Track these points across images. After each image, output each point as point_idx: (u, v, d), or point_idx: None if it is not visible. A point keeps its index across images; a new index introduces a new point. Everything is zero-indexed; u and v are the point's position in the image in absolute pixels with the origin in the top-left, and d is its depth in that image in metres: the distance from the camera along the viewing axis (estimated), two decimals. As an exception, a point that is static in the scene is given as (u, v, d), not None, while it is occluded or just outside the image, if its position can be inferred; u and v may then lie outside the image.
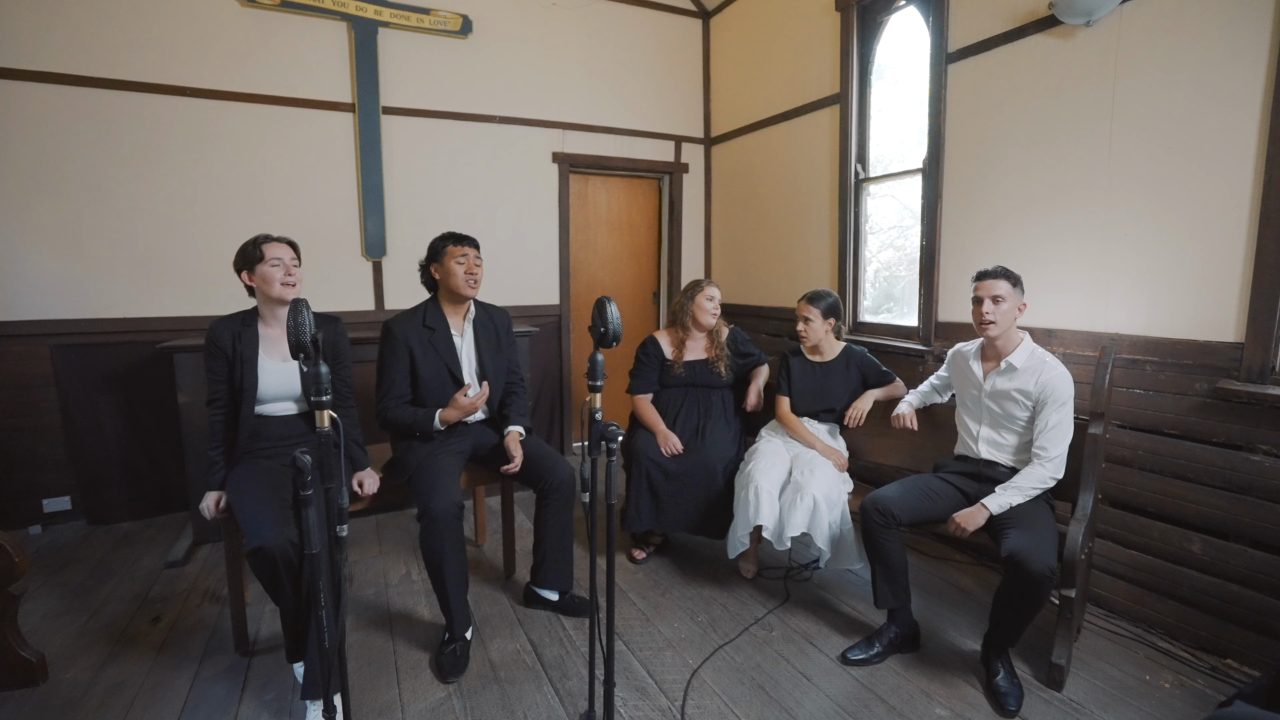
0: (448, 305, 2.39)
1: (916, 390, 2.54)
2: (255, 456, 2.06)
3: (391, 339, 2.31)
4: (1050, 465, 2.00)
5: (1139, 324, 2.24)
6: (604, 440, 1.38)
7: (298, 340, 1.11)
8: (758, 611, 2.44)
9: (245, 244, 2.04)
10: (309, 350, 1.10)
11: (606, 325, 1.37)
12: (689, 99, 4.59)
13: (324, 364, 1.16)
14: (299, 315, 1.13)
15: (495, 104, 3.91)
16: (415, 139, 3.73)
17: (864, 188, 3.38)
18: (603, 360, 1.41)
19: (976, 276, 2.16)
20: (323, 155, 3.52)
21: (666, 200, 4.65)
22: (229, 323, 2.06)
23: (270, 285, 2.02)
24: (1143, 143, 2.18)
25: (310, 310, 1.16)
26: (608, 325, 1.37)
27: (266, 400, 2.07)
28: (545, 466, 2.34)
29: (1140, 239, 2.21)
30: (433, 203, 3.81)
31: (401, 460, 2.27)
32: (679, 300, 2.98)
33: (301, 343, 1.10)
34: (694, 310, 2.87)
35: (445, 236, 2.36)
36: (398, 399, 2.31)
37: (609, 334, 1.37)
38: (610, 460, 1.39)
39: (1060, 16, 2.31)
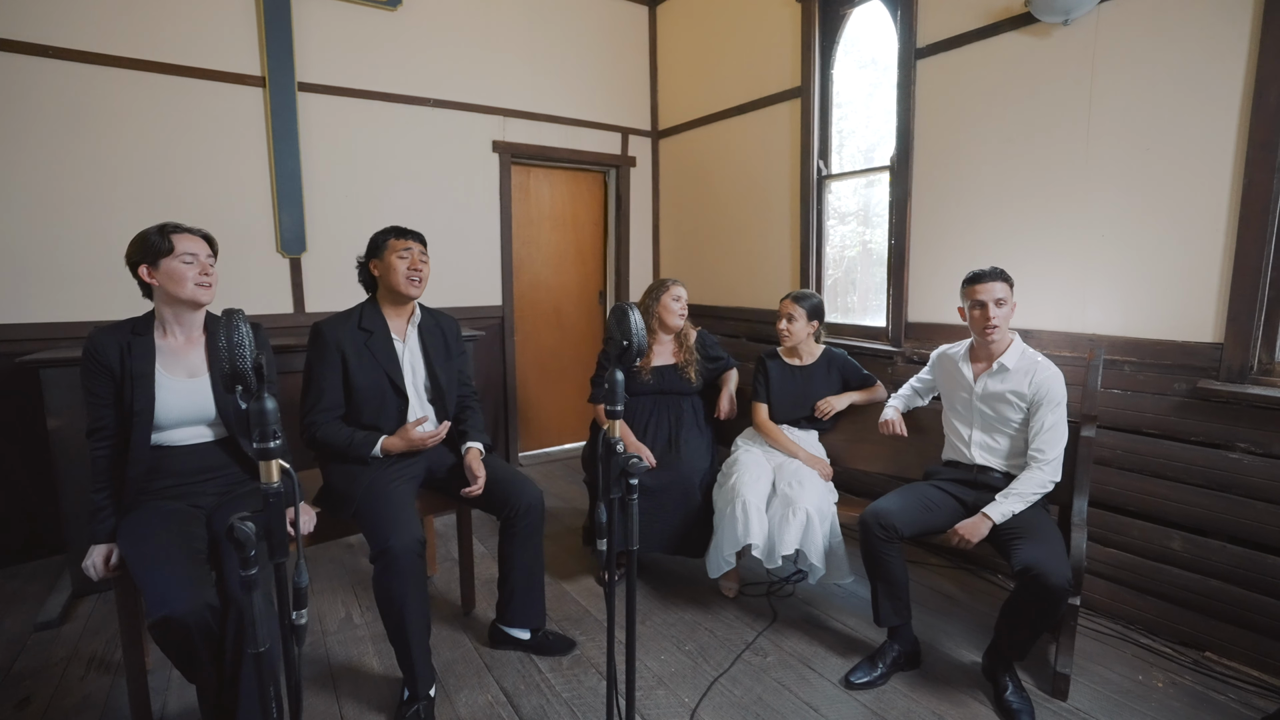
0: (388, 307, 2.08)
1: (899, 394, 2.46)
2: (155, 497, 1.68)
3: (321, 343, 1.97)
4: (1049, 468, 1.95)
5: (1117, 324, 2.25)
6: (624, 476, 1.15)
7: (235, 368, 0.81)
8: (747, 635, 2.27)
9: (147, 232, 1.65)
10: (250, 381, 0.81)
11: (630, 338, 1.14)
12: (636, 90, 4.38)
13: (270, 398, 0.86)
14: (235, 333, 0.83)
15: (430, 86, 3.55)
16: (338, 121, 3.31)
17: (826, 184, 3.30)
18: (622, 380, 1.18)
19: (972, 279, 2.08)
20: (228, 135, 3.04)
21: (613, 195, 4.43)
22: (114, 333, 1.66)
23: (180, 285, 1.64)
24: (1121, 143, 2.18)
25: (249, 325, 0.86)
26: (632, 338, 1.13)
27: (167, 426, 1.69)
28: (510, 489, 2.07)
29: (1119, 239, 2.22)
30: (360, 193, 3.40)
31: (342, 490, 1.93)
32: (643, 301, 2.79)
33: (240, 370, 0.81)
34: (660, 312, 2.68)
35: (387, 230, 2.05)
36: (329, 413, 1.97)
37: (633, 349, 1.14)
38: (632, 500, 1.17)
39: (1037, 14, 2.28)
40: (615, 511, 1.20)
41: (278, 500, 0.86)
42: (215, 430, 1.77)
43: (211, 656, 1.48)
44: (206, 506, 1.73)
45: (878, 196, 3.17)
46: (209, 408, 1.72)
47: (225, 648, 1.49)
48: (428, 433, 1.94)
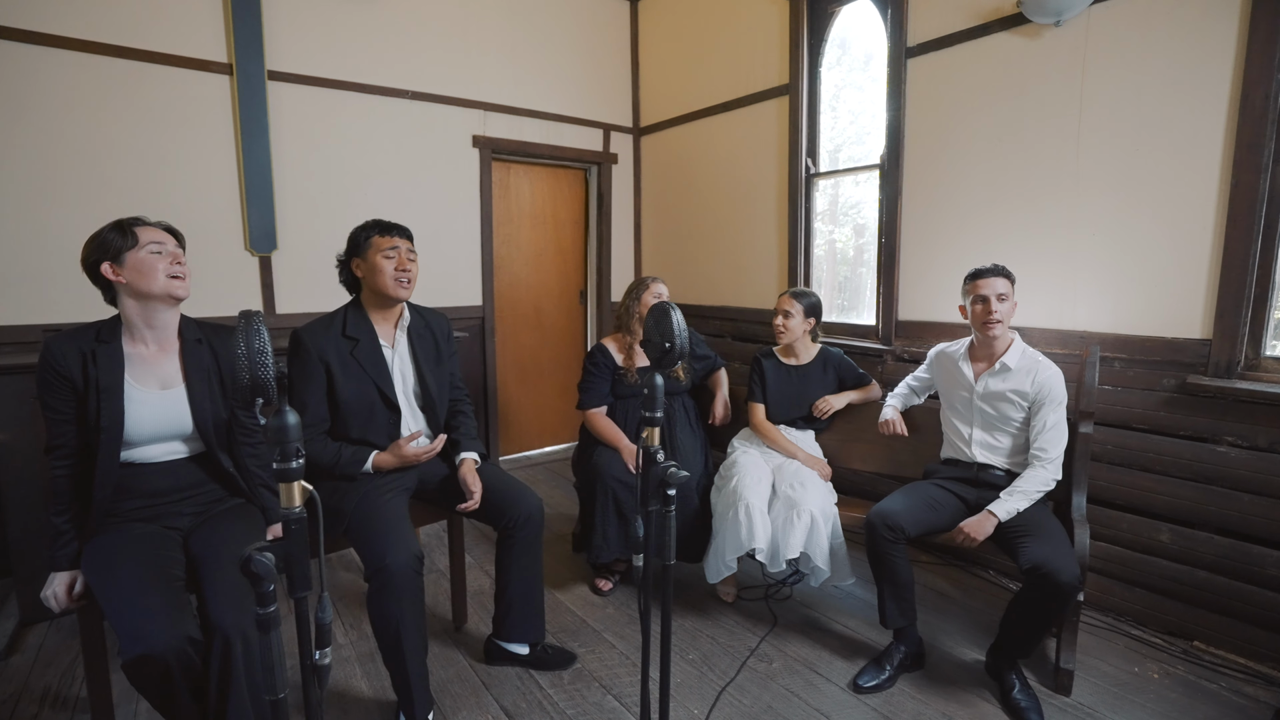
0: (374, 310, 1.96)
1: (895, 394, 2.45)
2: (124, 520, 1.54)
3: (302, 353, 1.84)
4: (1052, 467, 1.96)
5: (1106, 322, 2.28)
6: (663, 486, 1.09)
7: (256, 379, 0.71)
8: (749, 641, 2.24)
9: (102, 230, 1.51)
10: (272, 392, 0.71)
11: (672, 340, 1.07)
12: (617, 86, 4.31)
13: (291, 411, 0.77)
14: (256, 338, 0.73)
15: (408, 77, 3.41)
16: (311, 112, 3.15)
17: (814, 183, 3.29)
18: (662, 385, 1.11)
19: (974, 275, 2.08)
20: (190, 126, 2.86)
21: (594, 193, 4.35)
22: (75, 339, 1.51)
23: (151, 277, 1.50)
24: (1111, 142, 2.21)
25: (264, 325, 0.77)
26: (674, 340, 1.07)
27: (138, 443, 1.55)
28: (508, 499, 1.99)
29: (1108, 237, 2.25)
30: (334, 189, 3.25)
31: (331, 506, 1.81)
32: (624, 302, 2.72)
33: (261, 381, 0.71)
34: (641, 310, 2.62)
35: (369, 225, 1.93)
36: (312, 429, 1.85)
37: (675, 351, 1.08)
38: (669, 511, 1.10)
39: (1029, 15, 2.30)
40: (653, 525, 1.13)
41: (300, 527, 0.77)
42: (191, 446, 1.64)
43: (193, 693, 1.36)
44: (182, 528, 1.60)
45: (867, 195, 3.17)
46: (185, 422, 1.59)
47: (209, 683, 1.37)
48: (422, 449, 1.84)
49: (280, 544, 0.76)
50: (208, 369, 1.63)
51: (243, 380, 0.71)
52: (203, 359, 1.63)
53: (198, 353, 1.63)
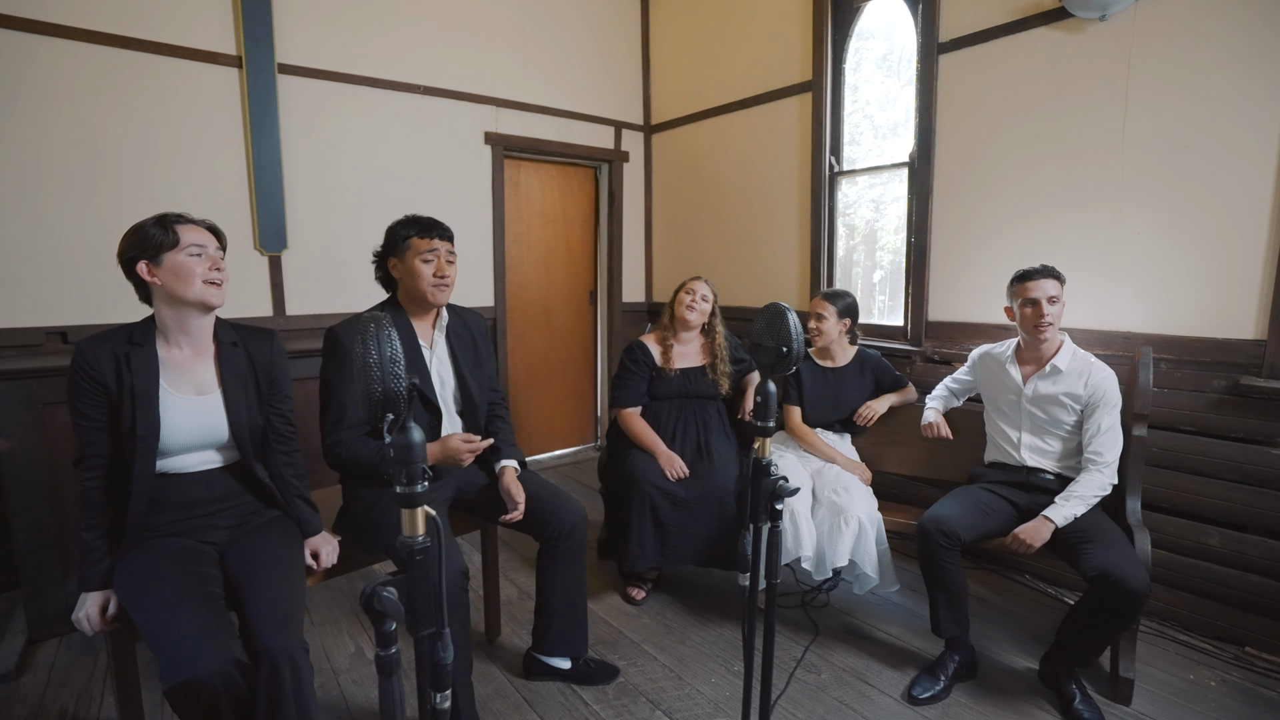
0: (412, 310, 1.87)
1: (935, 396, 2.41)
2: (157, 534, 1.44)
3: (340, 352, 1.74)
4: (1108, 471, 1.92)
5: (1152, 322, 2.25)
6: (772, 500, 1.02)
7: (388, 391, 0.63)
8: (793, 651, 2.17)
9: (144, 224, 1.42)
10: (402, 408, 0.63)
11: (790, 344, 1.00)
12: (628, 83, 4.23)
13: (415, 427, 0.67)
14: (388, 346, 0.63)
15: (419, 72, 3.31)
16: (321, 106, 3.04)
17: (838, 181, 3.24)
18: (774, 393, 1.04)
19: (1022, 277, 2.04)
20: (198, 120, 2.74)
21: (605, 191, 4.27)
22: (108, 343, 1.42)
23: (187, 283, 1.41)
24: (1158, 139, 2.18)
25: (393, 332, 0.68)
26: (791, 344, 1.00)
27: (173, 452, 1.46)
28: (551, 509, 1.91)
29: (1155, 236, 2.22)
30: (345, 186, 3.14)
31: (372, 520, 1.72)
32: (667, 300, 2.67)
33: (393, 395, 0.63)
34: (676, 309, 2.56)
35: (409, 223, 1.84)
36: (353, 431, 1.76)
37: (792, 355, 1.01)
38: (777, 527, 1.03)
39: (1072, 9, 2.26)
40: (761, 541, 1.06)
41: (424, 558, 0.69)
42: (225, 455, 1.54)
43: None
44: (218, 542, 1.50)
45: (893, 193, 3.12)
46: (221, 430, 1.50)
47: (257, 709, 1.28)
48: (471, 445, 1.73)
49: (403, 578, 0.68)
50: (244, 374, 1.54)
51: (374, 393, 0.62)
52: (238, 363, 1.54)
53: (233, 356, 1.54)
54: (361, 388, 0.64)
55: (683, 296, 2.55)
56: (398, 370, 0.62)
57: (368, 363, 0.62)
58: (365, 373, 0.62)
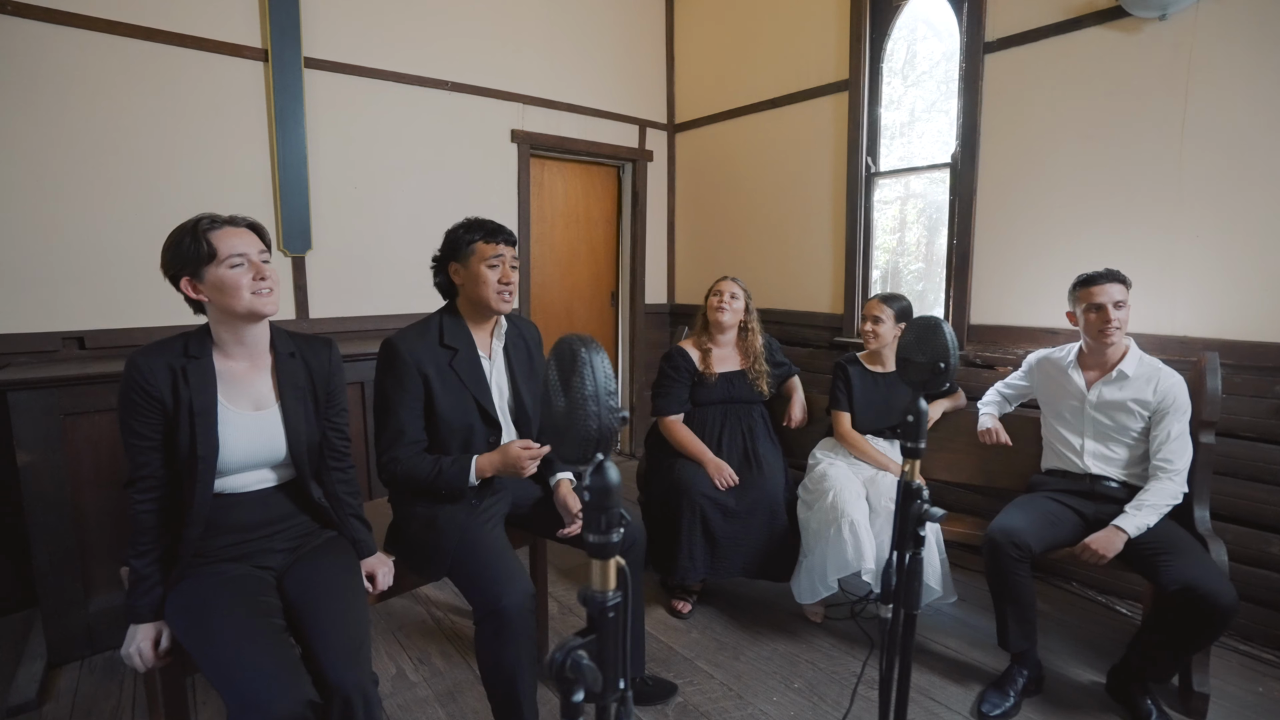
0: (472, 318, 1.79)
1: (988, 401, 2.36)
2: (211, 560, 1.35)
3: (400, 365, 1.65)
4: (1179, 479, 1.88)
5: (1211, 326, 2.21)
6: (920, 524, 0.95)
7: (605, 428, 0.53)
8: (851, 665, 2.12)
9: (179, 234, 1.31)
10: (615, 444, 0.55)
11: (947, 359, 0.94)
12: (653, 81, 4.16)
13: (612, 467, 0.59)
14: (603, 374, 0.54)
15: (447, 67, 3.22)
16: (347, 102, 2.95)
17: (875, 182, 3.19)
18: (926, 411, 0.98)
19: (1086, 281, 1.99)
20: (222, 115, 2.64)
21: (628, 191, 4.20)
22: (163, 354, 1.32)
23: (234, 296, 1.32)
24: (1219, 141, 2.14)
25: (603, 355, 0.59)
26: (949, 359, 0.94)
27: (230, 471, 1.37)
28: (611, 522, 1.83)
29: (1214, 240, 2.18)
30: (370, 185, 3.05)
31: (430, 543, 1.63)
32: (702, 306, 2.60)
33: (610, 431, 0.53)
34: (708, 313, 2.51)
35: (473, 226, 1.76)
36: (412, 448, 1.67)
37: (949, 370, 0.94)
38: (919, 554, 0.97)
39: (1130, 9, 2.22)
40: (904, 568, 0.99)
41: (616, 615, 0.62)
42: (281, 473, 1.46)
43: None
44: (274, 567, 1.42)
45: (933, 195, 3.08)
46: (279, 447, 1.41)
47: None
48: (532, 452, 1.65)
49: (593, 639, 0.60)
50: (302, 386, 1.46)
51: (588, 430, 0.54)
52: (296, 375, 1.46)
53: (291, 368, 1.45)
54: (568, 422, 0.56)
55: (712, 299, 2.50)
56: (614, 401, 0.54)
57: (583, 395, 0.54)
58: (579, 406, 0.54)
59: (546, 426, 0.62)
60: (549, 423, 0.61)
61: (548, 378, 0.61)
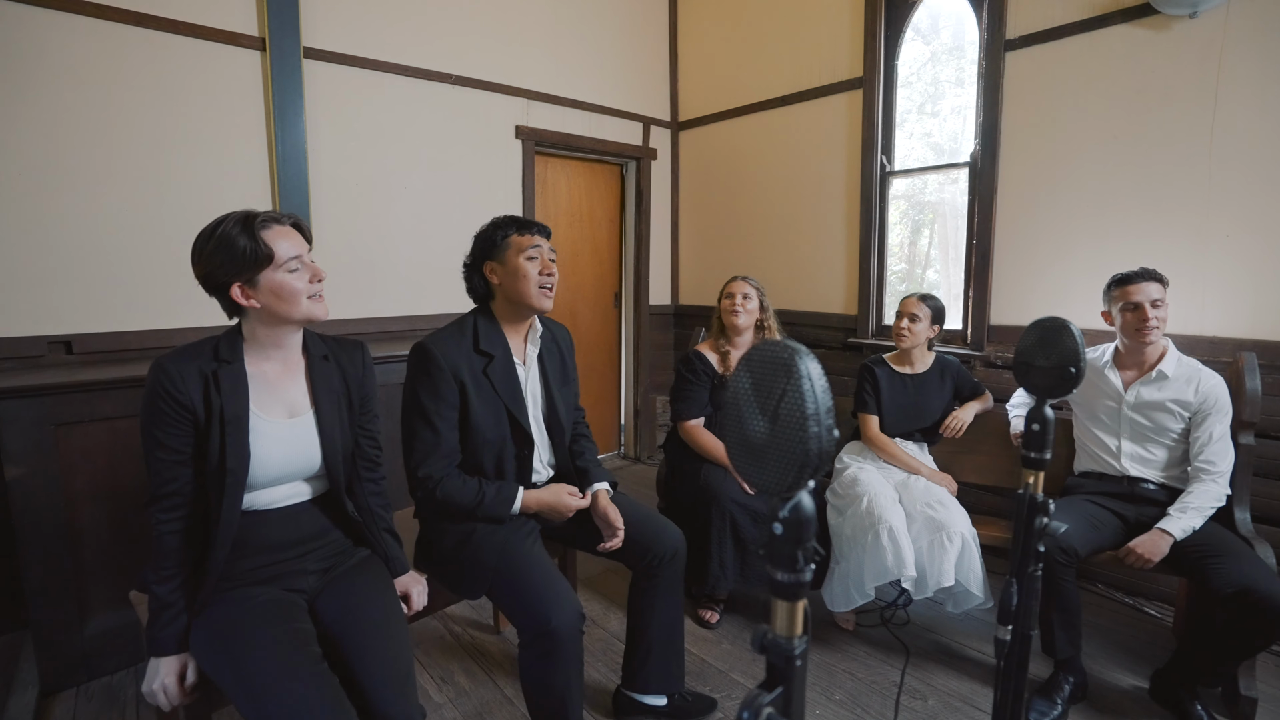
0: (508, 321, 1.69)
1: (1017, 403, 2.33)
2: (237, 584, 1.24)
3: (435, 371, 1.55)
4: (1222, 480, 1.86)
5: (1242, 327, 2.21)
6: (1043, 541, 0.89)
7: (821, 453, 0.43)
8: (888, 674, 2.06)
9: (233, 233, 1.18)
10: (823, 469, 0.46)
11: (1078, 363, 0.87)
12: (657, 78, 4.08)
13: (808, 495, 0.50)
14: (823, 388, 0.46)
15: (450, 60, 3.10)
16: (349, 94, 2.82)
17: (889, 181, 3.15)
18: (1052, 419, 0.91)
19: (1123, 280, 1.97)
20: (218, 106, 2.50)
21: (632, 189, 4.11)
22: (193, 359, 1.21)
23: (291, 304, 1.23)
24: (1251, 140, 2.13)
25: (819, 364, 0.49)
26: (1079, 363, 0.87)
27: (260, 485, 1.26)
28: (649, 534, 1.75)
29: (1246, 238, 2.17)
30: (373, 181, 2.93)
31: (460, 557, 1.53)
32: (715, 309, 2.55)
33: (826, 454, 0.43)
34: (721, 315, 2.47)
35: (503, 223, 1.66)
36: (448, 461, 1.57)
37: (1079, 374, 0.88)
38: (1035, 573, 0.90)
39: (1159, 7, 2.20)
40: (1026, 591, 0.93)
41: (803, 663, 0.54)
42: (314, 486, 1.35)
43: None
44: (307, 589, 1.31)
45: (951, 194, 3.05)
46: (312, 457, 1.31)
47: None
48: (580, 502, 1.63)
49: (780, 693, 0.52)
50: (336, 391, 1.35)
51: (806, 453, 0.46)
52: (331, 379, 1.35)
53: (325, 372, 1.35)
54: (772, 445, 0.48)
55: (724, 301, 2.44)
56: (832, 420, 0.46)
57: (801, 414, 0.45)
58: (794, 428, 0.45)
59: (737, 449, 0.54)
60: (739, 445, 0.53)
61: (738, 391, 0.54)
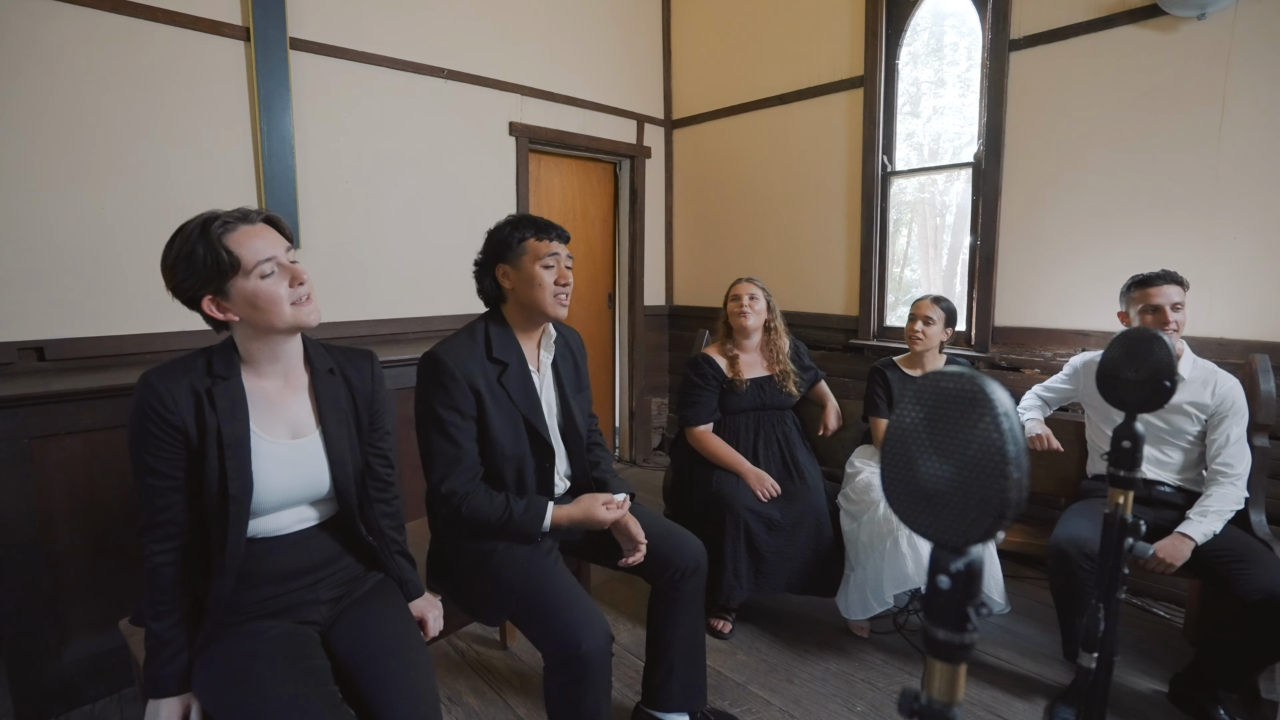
0: (520, 327, 1.61)
1: (1029, 406, 2.31)
2: (244, 618, 1.14)
3: (449, 381, 1.46)
4: (1240, 483, 1.85)
5: (1248, 328, 2.22)
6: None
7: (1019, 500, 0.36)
8: (908, 683, 2.02)
9: (184, 244, 1.06)
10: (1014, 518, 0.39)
11: (1171, 376, 0.83)
12: (650, 74, 4.01)
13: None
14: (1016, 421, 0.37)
15: (442, 54, 3.00)
16: (338, 88, 2.70)
17: (890, 181, 3.13)
18: (1142, 434, 0.87)
19: (1142, 282, 1.95)
20: (200, 99, 2.37)
21: (626, 188, 4.04)
22: (184, 375, 1.11)
23: (271, 312, 1.11)
24: (1258, 142, 2.14)
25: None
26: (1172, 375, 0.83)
27: (265, 510, 1.16)
28: (671, 547, 1.68)
29: (1253, 239, 2.19)
30: (363, 178, 2.81)
31: (479, 578, 1.45)
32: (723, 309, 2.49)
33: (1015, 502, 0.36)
34: (728, 318, 2.40)
35: (521, 224, 1.57)
36: (470, 477, 1.48)
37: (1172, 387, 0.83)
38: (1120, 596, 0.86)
39: (1167, 8, 2.20)
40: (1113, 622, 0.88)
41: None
42: (322, 510, 1.26)
43: None
44: (320, 620, 1.22)
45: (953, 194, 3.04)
46: (321, 479, 1.21)
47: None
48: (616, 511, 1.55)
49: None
50: (344, 407, 1.26)
51: (1001, 503, 0.39)
52: (338, 394, 1.25)
53: (331, 386, 1.25)
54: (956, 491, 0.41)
55: (731, 304, 2.39)
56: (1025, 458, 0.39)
57: (1000, 455, 0.37)
58: (987, 470, 0.39)
59: (901, 494, 0.47)
60: (904, 490, 0.47)
61: (904, 428, 0.47)
